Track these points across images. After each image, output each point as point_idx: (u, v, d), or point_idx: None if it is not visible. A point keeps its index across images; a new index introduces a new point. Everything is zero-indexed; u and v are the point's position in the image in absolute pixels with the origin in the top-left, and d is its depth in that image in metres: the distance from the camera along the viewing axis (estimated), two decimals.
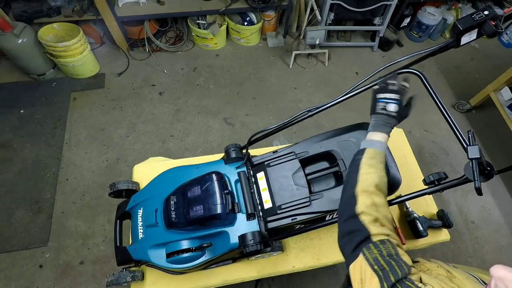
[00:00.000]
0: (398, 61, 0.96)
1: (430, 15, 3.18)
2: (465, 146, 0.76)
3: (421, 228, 1.35)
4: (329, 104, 1.09)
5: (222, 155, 1.52)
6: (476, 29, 0.79)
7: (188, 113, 2.73)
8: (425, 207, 1.48)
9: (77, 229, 2.11)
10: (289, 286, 2.00)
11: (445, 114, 0.85)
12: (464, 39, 0.81)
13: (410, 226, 1.40)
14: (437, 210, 1.45)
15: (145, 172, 1.46)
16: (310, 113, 1.10)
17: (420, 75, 0.92)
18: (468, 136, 0.76)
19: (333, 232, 1.40)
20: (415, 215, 1.40)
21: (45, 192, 2.23)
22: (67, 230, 2.10)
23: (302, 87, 3.00)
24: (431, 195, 1.31)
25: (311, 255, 1.35)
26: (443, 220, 1.38)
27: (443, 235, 1.42)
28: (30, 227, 2.09)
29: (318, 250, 1.36)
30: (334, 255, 1.35)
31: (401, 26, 3.40)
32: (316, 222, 1.03)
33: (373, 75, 1.00)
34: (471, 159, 0.71)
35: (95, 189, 2.27)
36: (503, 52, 3.50)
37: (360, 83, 1.02)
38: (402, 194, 0.96)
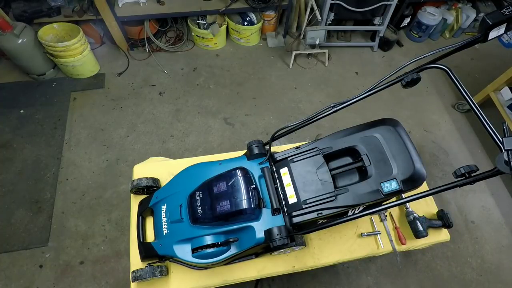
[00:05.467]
0: (424, 57, 0.96)
1: (430, 15, 3.18)
2: (499, 138, 0.75)
3: (421, 228, 1.35)
4: (353, 100, 1.09)
5: (222, 155, 1.53)
6: (505, 24, 0.79)
7: (188, 113, 2.73)
8: (425, 207, 1.49)
9: (77, 229, 2.11)
10: (289, 286, 2.00)
11: (475, 109, 0.83)
12: (493, 34, 0.81)
13: (410, 226, 1.40)
14: (437, 210, 1.45)
15: (145, 172, 1.47)
16: (335, 109, 1.10)
17: (447, 70, 0.92)
18: (503, 128, 0.76)
19: (332, 232, 1.40)
20: (415, 215, 1.40)
21: (45, 192, 2.23)
22: (67, 230, 2.10)
23: (302, 87, 3.00)
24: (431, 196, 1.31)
25: (311, 255, 1.35)
26: (443, 220, 1.38)
27: (443, 235, 1.42)
28: (30, 227, 2.09)
29: (318, 250, 1.36)
30: (334, 255, 1.35)
31: (401, 26, 3.40)
32: (339, 217, 1.04)
33: (398, 70, 1.00)
34: (508, 150, 0.71)
35: (95, 189, 2.27)
36: (503, 52, 3.50)
37: (385, 79, 1.02)
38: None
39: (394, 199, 1.17)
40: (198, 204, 1.14)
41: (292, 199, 1.11)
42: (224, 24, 3.04)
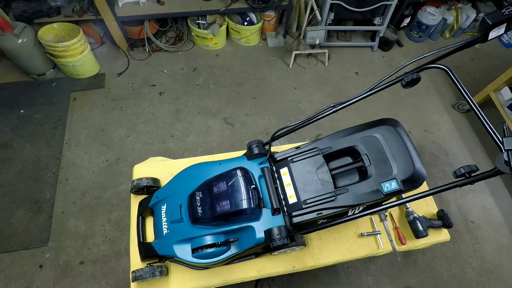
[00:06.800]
0: (424, 57, 0.95)
1: (430, 15, 3.18)
2: (499, 138, 0.75)
3: (421, 228, 1.35)
4: (353, 100, 1.09)
5: (222, 155, 1.53)
6: (505, 24, 0.79)
7: (188, 113, 2.73)
8: (425, 207, 1.49)
9: (77, 229, 2.11)
10: (289, 286, 2.00)
11: (475, 109, 0.83)
12: (493, 34, 0.81)
13: (410, 226, 1.40)
14: (437, 210, 1.45)
15: (145, 172, 1.46)
16: (335, 109, 1.11)
17: (447, 70, 0.92)
18: (503, 128, 0.76)
19: (332, 232, 1.40)
20: (415, 215, 1.40)
21: (45, 192, 2.23)
22: (67, 230, 2.10)
23: (302, 87, 3.00)
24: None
25: (311, 255, 1.35)
26: (443, 220, 1.38)
27: (443, 235, 1.42)
28: (30, 227, 2.09)
29: (318, 250, 1.36)
30: (334, 255, 1.35)
31: (401, 26, 3.40)
32: (339, 217, 1.05)
33: (398, 70, 0.99)
34: (508, 150, 0.71)
35: (95, 189, 2.27)
36: (503, 52, 3.50)
37: (385, 79, 1.02)
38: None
39: (394, 199, 1.17)
40: (198, 204, 1.14)
41: (292, 199, 1.12)
42: (224, 24, 3.04)
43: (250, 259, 1.29)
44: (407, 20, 3.35)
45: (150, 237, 1.30)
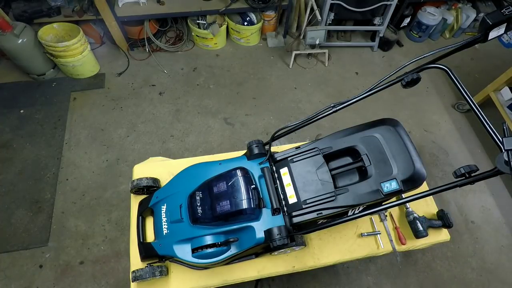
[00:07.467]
0: (424, 57, 0.96)
1: (430, 15, 3.18)
2: (499, 138, 0.75)
3: (421, 228, 1.35)
4: (353, 100, 1.09)
5: (222, 155, 1.53)
6: (505, 24, 0.79)
7: (188, 113, 2.73)
8: (425, 207, 1.49)
9: (77, 229, 2.11)
10: (289, 286, 2.00)
11: (475, 109, 0.83)
12: (493, 34, 0.81)
13: (410, 226, 1.40)
14: (437, 210, 1.46)
15: (145, 172, 1.47)
16: (335, 109, 1.11)
17: (447, 70, 0.91)
18: (503, 128, 0.76)
19: (332, 232, 1.40)
20: (415, 215, 1.40)
21: (45, 192, 2.23)
22: (67, 230, 2.10)
23: (302, 87, 3.00)
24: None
25: (311, 255, 1.35)
26: (443, 220, 1.39)
27: (443, 235, 1.42)
28: (30, 227, 2.09)
29: (318, 250, 1.36)
30: (334, 255, 1.35)
31: (401, 26, 3.40)
32: (339, 217, 1.05)
33: (398, 70, 0.99)
34: (508, 150, 0.71)
35: (95, 189, 2.27)
36: (503, 52, 3.50)
37: (385, 79, 1.02)
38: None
39: (394, 199, 1.17)
40: (198, 204, 1.14)
41: (292, 199, 1.12)
42: (224, 24, 3.04)
43: (250, 259, 1.29)
44: (407, 20, 3.35)
45: (150, 237, 1.30)
